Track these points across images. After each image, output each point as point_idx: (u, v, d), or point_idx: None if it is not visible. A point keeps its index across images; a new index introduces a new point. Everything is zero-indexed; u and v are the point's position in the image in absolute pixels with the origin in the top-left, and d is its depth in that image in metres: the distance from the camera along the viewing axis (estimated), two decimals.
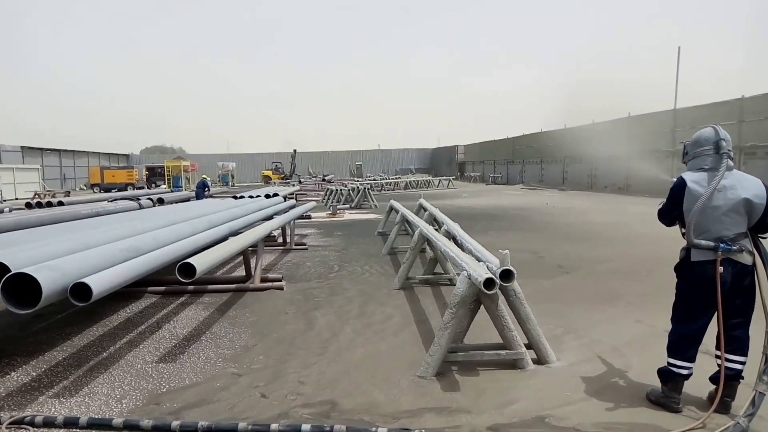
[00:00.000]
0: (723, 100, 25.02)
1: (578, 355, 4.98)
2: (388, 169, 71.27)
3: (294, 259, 10.70)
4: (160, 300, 7.44)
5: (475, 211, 21.22)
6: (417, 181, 44.56)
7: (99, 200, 16.21)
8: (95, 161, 60.08)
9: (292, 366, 4.86)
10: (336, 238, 14.01)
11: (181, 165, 47.48)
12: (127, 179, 48.54)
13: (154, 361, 5.09)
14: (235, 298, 7.44)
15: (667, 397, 3.82)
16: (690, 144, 3.91)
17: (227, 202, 13.41)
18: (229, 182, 57.83)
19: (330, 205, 22.78)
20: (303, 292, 7.81)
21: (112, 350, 5.40)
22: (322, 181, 49.63)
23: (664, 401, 3.83)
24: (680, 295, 3.89)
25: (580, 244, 12.02)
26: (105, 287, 4.33)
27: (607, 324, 5.94)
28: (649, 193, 28.42)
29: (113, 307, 6.95)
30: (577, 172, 38.63)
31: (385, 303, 7.05)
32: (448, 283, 8.03)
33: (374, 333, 5.80)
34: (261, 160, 70.95)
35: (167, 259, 5.74)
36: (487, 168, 56.14)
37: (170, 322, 6.39)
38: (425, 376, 4.47)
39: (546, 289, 7.60)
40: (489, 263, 4.76)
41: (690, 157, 3.88)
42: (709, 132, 3.76)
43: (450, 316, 4.52)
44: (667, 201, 3.90)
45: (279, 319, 6.44)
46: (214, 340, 5.66)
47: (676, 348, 3.85)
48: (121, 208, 12.50)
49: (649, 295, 7.18)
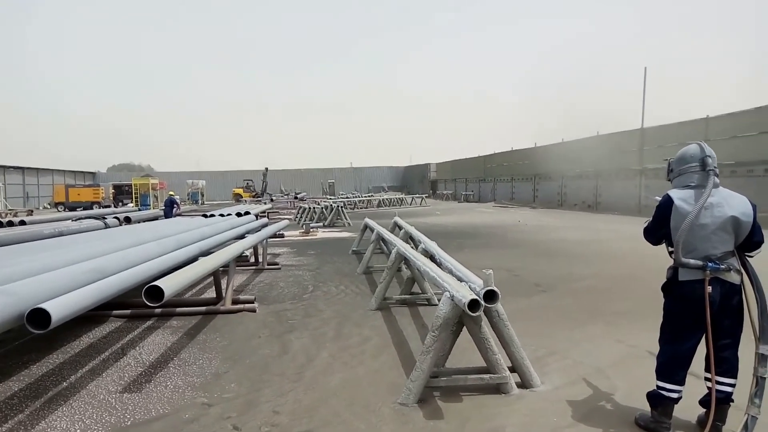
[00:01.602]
0: (689, 120, 25.66)
1: (562, 377, 4.86)
2: (360, 187, 71.23)
3: (267, 280, 10.41)
4: (125, 324, 7.09)
5: (448, 228, 21.20)
6: (390, 199, 44.58)
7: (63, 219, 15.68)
8: (60, 179, 58.59)
9: (266, 394, 4.62)
10: (310, 257, 13.75)
11: (149, 183, 46.62)
12: (93, 198, 47.29)
13: (118, 390, 4.78)
14: (205, 322, 7.14)
15: (657, 422, 3.71)
16: (675, 161, 3.85)
17: (197, 221, 13.08)
18: (199, 200, 56.94)
19: (303, 224, 22.49)
20: (276, 314, 7.55)
21: (73, 379, 5.07)
22: (295, 199, 49.22)
23: (653, 426, 3.72)
24: (668, 315, 3.79)
25: (555, 261, 12.02)
26: (65, 313, 4.04)
27: (589, 344, 5.85)
28: (618, 210, 28.94)
29: (75, 333, 6.58)
30: (547, 190, 39.16)
31: (362, 324, 6.85)
32: (425, 303, 7.88)
33: (352, 356, 5.59)
34: (232, 177, 70.27)
35: (134, 281, 5.45)
36: (459, 186, 56.52)
37: (136, 348, 6.06)
38: (407, 403, 4.28)
39: (524, 308, 7.50)
40: (471, 283, 4.62)
41: (675, 174, 3.81)
42: (694, 149, 3.71)
43: (432, 339, 4.35)
44: (654, 219, 3.81)
45: (251, 343, 6.18)
46: (183, 367, 5.37)
47: (665, 371, 3.73)
48: (85, 228, 12.06)
49: (628, 314, 7.14)
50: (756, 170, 21.37)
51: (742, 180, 20.35)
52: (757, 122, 21.77)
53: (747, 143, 21.79)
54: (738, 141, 22.05)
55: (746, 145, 21.75)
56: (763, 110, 21.72)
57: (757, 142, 21.53)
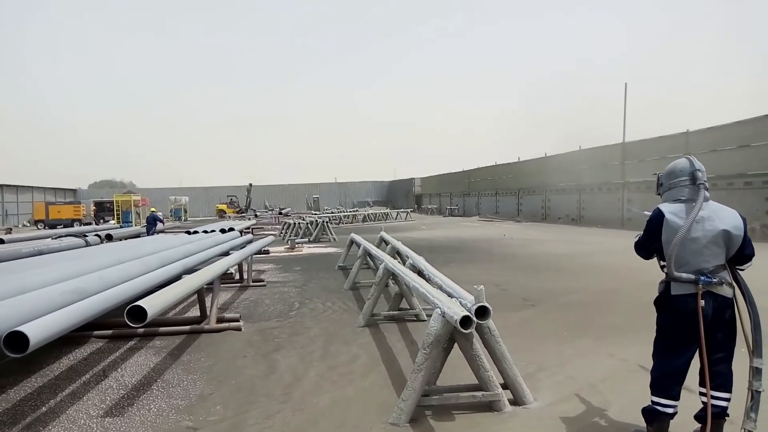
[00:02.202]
0: (669, 134, 26.03)
1: (555, 394, 4.79)
2: (345, 202, 71.15)
3: (252, 297, 10.25)
4: (106, 345, 6.90)
5: (434, 243, 21.17)
6: (375, 214, 44.51)
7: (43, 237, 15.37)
8: (40, 196, 57.65)
9: (253, 416, 4.49)
10: (295, 273, 13.61)
11: (131, 199, 46.06)
12: (73, 215, 46.55)
13: (99, 415, 4.61)
14: (189, 341, 6.97)
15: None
16: (664, 175, 3.84)
17: (181, 238, 12.89)
18: (182, 217, 56.35)
19: (288, 239, 22.32)
20: (262, 332, 7.41)
21: (53, 404, 4.89)
22: (279, 214, 48.95)
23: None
24: (661, 330, 3.74)
25: (542, 275, 12.02)
26: (44, 335, 3.90)
27: (580, 359, 5.80)
28: (601, 224, 29.17)
29: (54, 354, 6.38)
30: (531, 204, 39.41)
31: (350, 342, 6.74)
32: (414, 319, 7.79)
33: (341, 376, 5.47)
34: (215, 193, 69.79)
35: (115, 301, 5.31)
36: (444, 200, 56.69)
37: (118, 369, 5.89)
38: (398, 423, 4.18)
39: (514, 323, 7.45)
40: (462, 299, 4.56)
41: (665, 188, 3.80)
42: (684, 163, 3.70)
43: (423, 357, 4.26)
44: (645, 233, 3.78)
45: (237, 363, 6.03)
46: (167, 389, 5.21)
47: (660, 386, 3.67)
48: (66, 246, 11.82)
49: (617, 327, 7.11)
50: (736, 183, 21.70)
51: (724, 193, 20.61)
52: (736, 136, 22.16)
53: (727, 157, 22.14)
54: (718, 155, 22.39)
55: (726, 158, 22.10)
56: (742, 124, 22.11)
57: (736, 156, 21.90)
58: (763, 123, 20.99)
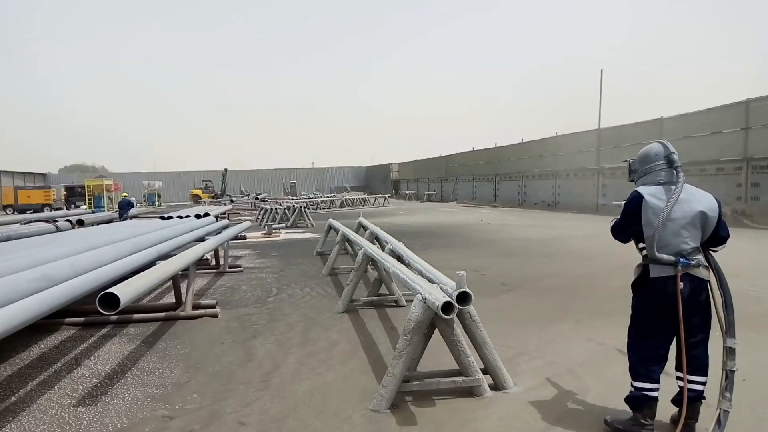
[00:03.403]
0: (643, 120, 26.34)
1: (534, 378, 4.80)
2: (322, 188, 70.78)
3: (228, 283, 10.11)
4: (79, 332, 6.72)
5: (413, 228, 21.17)
6: (353, 199, 44.39)
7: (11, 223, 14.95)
8: (8, 181, 56.12)
9: (230, 404, 4.40)
10: (273, 259, 13.47)
11: (103, 184, 45.23)
12: (43, 200, 45.50)
13: (71, 404, 4.48)
14: (164, 328, 6.84)
15: (641, 424, 3.60)
16: (638, 161, 3.82)
17: (154, 224, 12.64)
18: (156, 202, 55.45)
19: (265, 225, 22.11)
20: (240, 318, 7.30)
21: (23, 393, 4.74)
22: (255, 200, 48.47)
23: (636, 429, 3.62)
24: (639, 313, 3.73)
25: (520, 260, 12.09)
26: (11, 324, 3.75)
27: (559, 344, 5.83)
28: (576, 209, 29.50)
29: (25, 342, 6.20)
30: (508, 190, 39.67)
31: (329, 328, 6.68)
32: (393, 304, 7.76)
33: (320, 362, 5.41)
34: (189, 178, 68.80)
35: (86, 288, 5.15)
36: (422, 186, 56.74)
37: (90, 357, 5.74)
38: (379, 409, 4.14)
39: (492, 308, 7.45)
40: (442, 284, 4.52)
41: (640, 173, 3.77)
42: (658, 147, 3.70)
43: (404, 343, 4.22)
44: (623, 216, 3.74)
45: (214, 350, 5.93)
46: (142, 378, 5.09)
47: (641, 370, 3.66)
48: (36, 232, 11.50)
49: (595, 312, 7.18)
50: (708, 169, 22.10)
51: (696, 179, 20.95)
52: (708, 123, 22.51)
53: (699, 143, 22.50)
54: (691, 141, 22.73)
55: (699, 144, 22.45)
56: (714, 111, 22.47)
57: (708, 142, 22.26)
58: (735, 110, 21.36)
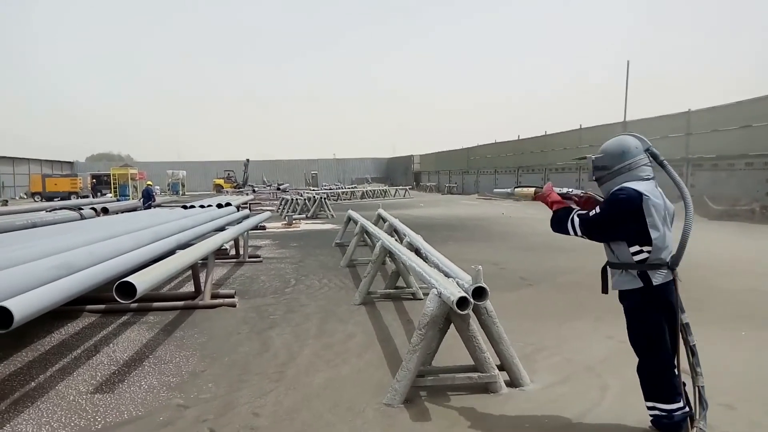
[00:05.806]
0: (670, 113, 25.75)
1: (552, 376, 4.71)
2: (343, 179, 70.91)
3: (247, 273, 10.17)
4: (99, 319, 6.81)
5: (433, 221, 21.07)
6: (373, 191, 44.40)
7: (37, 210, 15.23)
8: (37, 169, 57.31)
9: (245, 395, 4.41)
10: (292, 249, 13.52)
11: (128, 173, 45.87)
12: (70, 188, 46.38)
13: (89, 391, 4.54)
14: (182, 317, 6.89)
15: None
16: (609, 156, 3.46)
17: (176, 212, 12.75)
18: (179, 191, 56.15)
19: (285, 215, 22.21)
20: (257, 309, 7.33)
21: (42, 379, 4.82)
22: (277, 190, 48.74)
23: None
24: (645, 326, 3.45)
25: (540, 254, 11.94)
26: (29, 311, 3.79)
27: (578, 340, 5.73)
28: None
29: (46, 328, 6.29)
30: (530, 182, 39.07)
31: (346, 320, 6.66)
32: (411, 297, 7.72)
33: (335, 354, 5.40)
34: (213, 168, 69.49)
35: (105, 276, 5.19)
36: (443, 178, 56.40)
37: (109, 345, 5.81)
38: (392, 403, 4.11)
39: (511, 303, 7.36)
40: (459, 279, 4.45)
41: (619, 170, 3.40)
42: (634, 141, 3.41)
43: (419, 337, 4.17)
44: (611, 213, 3.35)
45: (231, 340, 5.96)
46: (159, 366, 5.14)
47: (670, 387, 3.36)
48: (60, 219, 11.68)
49: (617, 309, 6.97)
50: (737, 164, 21.53)
51: (724, 174, 20.49)
52: (737, 116, 21.90)
53: (728, 137, 21.92)
54: (719, 135, 22.15)
55: (727, 138, 21.87)
56: (743, 104, 21.84)
57: (737, 136, 21.67)
58: (765, 103, 20.73)
